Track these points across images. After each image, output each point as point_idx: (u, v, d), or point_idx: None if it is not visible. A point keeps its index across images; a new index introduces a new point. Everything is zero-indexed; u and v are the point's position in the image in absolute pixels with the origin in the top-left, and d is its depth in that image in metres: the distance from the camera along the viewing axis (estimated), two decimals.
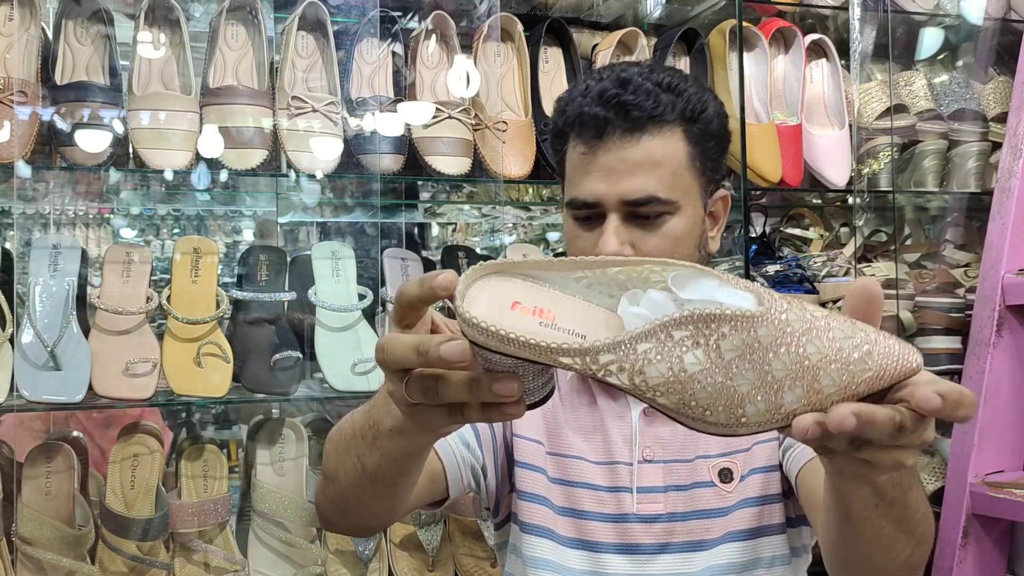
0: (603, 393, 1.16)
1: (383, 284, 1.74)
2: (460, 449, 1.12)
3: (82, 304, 1.57)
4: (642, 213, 1.06)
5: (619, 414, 1.14)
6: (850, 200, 2.04)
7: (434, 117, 1.68)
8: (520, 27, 1.80)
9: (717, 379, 0.62)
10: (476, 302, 0.64)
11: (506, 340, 0.61)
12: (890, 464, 0.63)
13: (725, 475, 1.12)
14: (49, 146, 1.53)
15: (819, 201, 2.26)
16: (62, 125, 1.50)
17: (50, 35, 1.60)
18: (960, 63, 2.23)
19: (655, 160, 1.05)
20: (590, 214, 1.08)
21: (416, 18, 1.87)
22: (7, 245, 1.62)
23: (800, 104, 1.93)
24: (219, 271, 1.66)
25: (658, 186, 1.05)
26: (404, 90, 1.75)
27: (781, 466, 1.13)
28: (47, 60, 1.57)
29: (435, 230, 2.95)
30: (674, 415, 0.64)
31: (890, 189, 2.01)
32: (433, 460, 1.07)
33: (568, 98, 1.12)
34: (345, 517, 0.96)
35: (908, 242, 2.24)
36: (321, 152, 1.61)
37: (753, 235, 2.07)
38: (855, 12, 1.96)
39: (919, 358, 0.61)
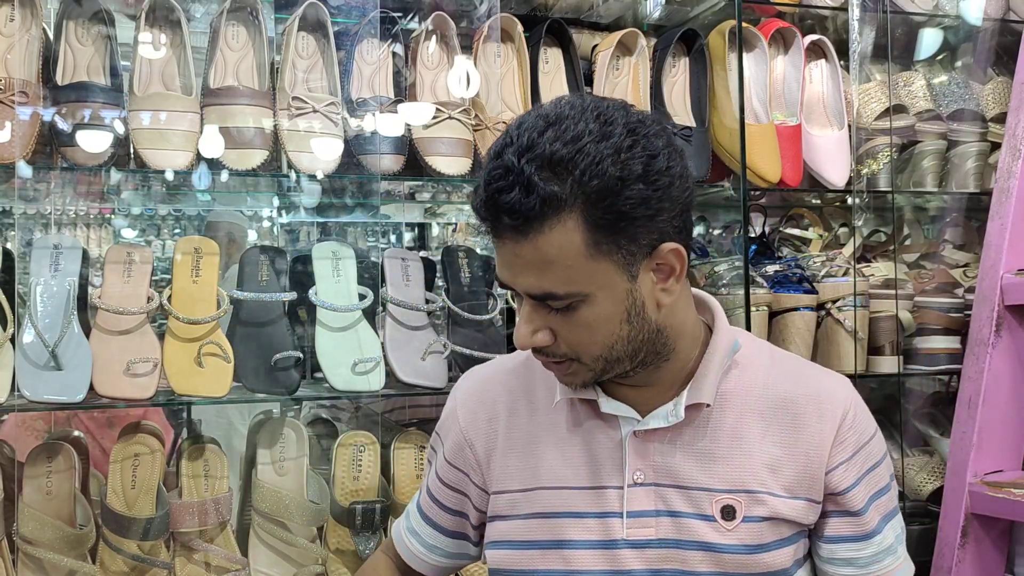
0: (593, 416, 1.10)
1: (383, 284, 1.74)
2: (428, 555, 1.21)
3: (83, 304, 1.58)
4: (548, 305, 0.99)
5: (609, 434, 1.09)
6: (849, 200, 2.04)
7: (434, 117, 1.68)
8: (520, 28, 1.81)
9: None
10: None
11: None
12: None
13: (727, 512, 1.06)
14: (50, 146, 1.53)
15: (818, 201, 2.26)
16: (63, 125, 1.50)
17: (51, 35, 1.60)
18: (959, 63, 2.23)
19: (547, 259, 0.96)
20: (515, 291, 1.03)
21: (416, 19, 1.87)
22: (8, 245, 1.63)
23: (799, 104, 1.94)
24: (219, 271, 1.66)
25: (553, 283, 0.97)
26: (404, 90, 1.75)
27: (802, 533, 1.09)
28: (48, 60, 1.57)
29: (435, 230, 2.96)
30: None
31: (889, 189, 2.01)
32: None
33: (476, 187, 1.03)
34: None
35: (907, 242, 2.25)
36: (321, 152, 1.62)
37: (752, 235, 2.07)
38: (854, 12, 1.96)
39: None
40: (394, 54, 1.76)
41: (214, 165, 1.58)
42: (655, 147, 0.96)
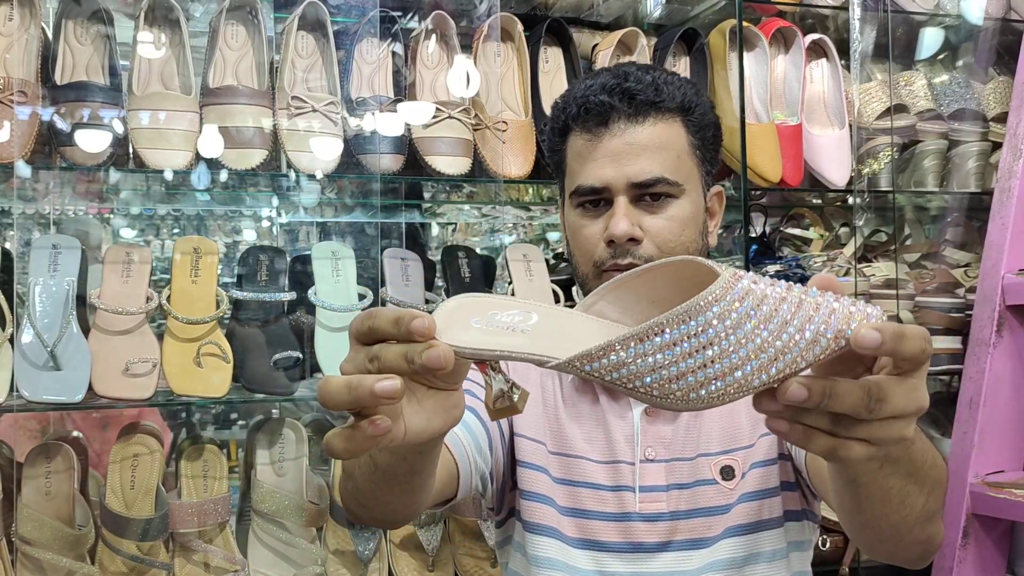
0: (605, 392, 1.16)
1: (383, 284, 1.74)
2: (473, 455, 1.11)
3: (82, 304, 1.57)
4: (650, 194, 1.09)
5: (621, 413, 1.14)
6: (850, 200, 2.04)
7: (434, 117, 1.67)
8: (520, 27, 1.80)
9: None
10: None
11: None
12: (892, 438, 0.63)
13: (727, 472, 1.12)
14: (49, 146, 1.53)
15: (819, 201, 2.26)
16: (62, 125, 1.50)
17: (50, 35, 1.60)
18: (960, 63, 2.23)
19: (660, 143, 1.09)
20: (597, 199, 1.11)
21: (416, 18, 1.87)
22: (7, 245, 1.62)
23: (800, 104, 1.93)
24: (219, 271, 1.66)
25: (664, 168, 1.08)
26: (404, 90, 1.75)
27: (783, 456, 1.13)
28: (47, 60, 1.57)
29: (435, 230, 2.95)
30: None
31: (890, 189, 2.01)
32: (449, 460, 1.07)
33: (568, 95, 1.15)
34: (367, 511, 0.96)
35: (908, 242, 2.24)
36: (321, 152, 1.61)
37: (753, 235, 2.07)
38: (855, 12, 1.96)
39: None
40: (394, 53, 1.76)
41: (213, 165, 1.57)
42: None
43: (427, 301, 1.76)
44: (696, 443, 1.13)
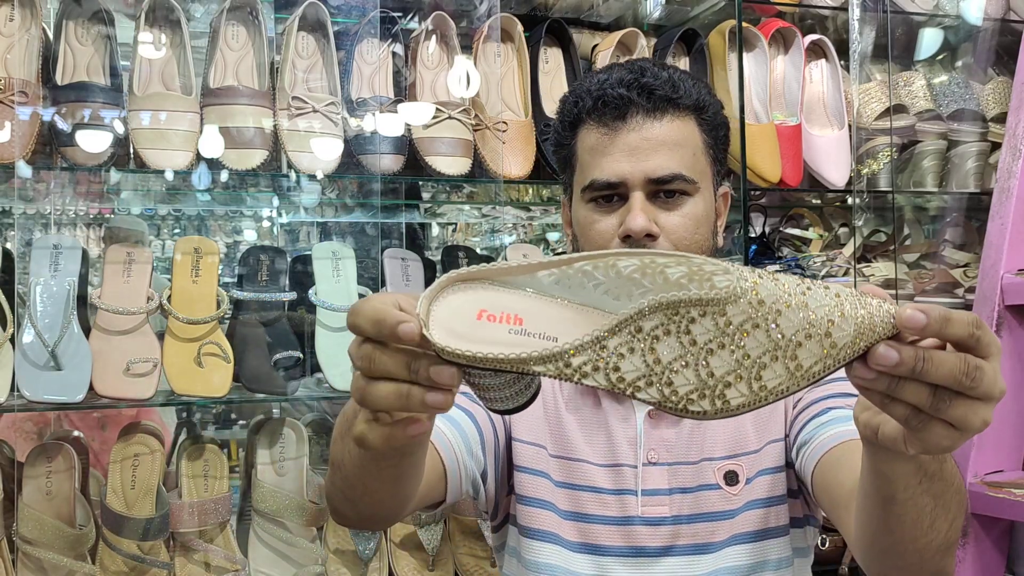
0: (607, 395, 1.15)
1: (383, 284, 1.74)
2: (464, 457, 1.09)
3: (83, 304, 1.57)
4: (666, 191, 1.07)
5: (623, 416, 1.13)
6: (849, 200, 2.04)
7: (434, 117, 1.68)
8: (520, 27, 1.81)
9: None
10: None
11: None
12: (978, 422, 0.62)
13: (731, 478, 1.11)
14: (50, 146, 1.53)
15: (818, 201, 2.26)
16: (63, 125, 1.50)
17: (51, 35, 1.60)
18: (959, 63, 2.23)
19: (677, 140, 1.08)
20: (611, 195, 1.08)
21: (416, 18, 1.87)
22: (8, 245, 1.63)
23: (800, 104, 1.94)
24: (219, 271, 1.66)
25: (682, 165, 1.07)
26: (404, 90, 1.75)
27: (789, 464, 1.12)
28: (48, 60, 1.57)
29: (435, 230, 2.95)
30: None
31: (889, 189, 2.01)
32: (436, 461, 1.05)
33: (579, 89, 1.13)
34: (354, 506, 0.94)
35: (907, 242, 2.25)
36: (321, 152, 1.62)
37: (753, 235, 2.07)
38: (855, 12, 1.96)
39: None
40: (394, 54, 1.76)
41: (214, 165, 1.58)
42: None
43: None
44: (700, 447, 1.12)
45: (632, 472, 1.11)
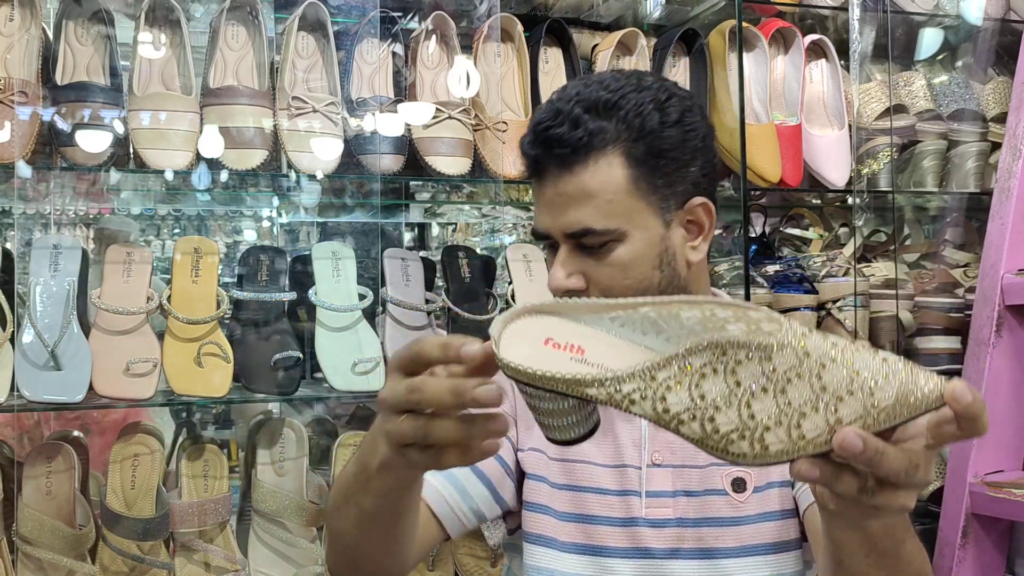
0: None
1: (383, 284, 1.74)
2: (452, 495, 1.11)
3: (82, 304, 1.57)
4: (585, 244, 1.04)
5: (628, 417, 1.13)
6: (849, 200, 2.04)
7: (434, 117, 1.68)
8: (520, 27, 1.80)
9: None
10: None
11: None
12: (896, 507, 0.64)
13: (738, 484, 1.11)
14: (50, 146, 1.53)
15: (819, 201, 2.26)
16: (63, 125, 1.50)
17: (51, 35, 1.60)
18: (959, 63, 2.23)
19: (588, 192, 1.02)
20: (551, 243, 1.08)
21: (416, 18, 1.87)
22: (8, 245, 1.62)
23: (800, 104, 1.94)
24: (219, 271, 1.66)
25: (592, 217, 1.02)
26: (404, 90, 1.75)
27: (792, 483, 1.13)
28: (48, 60, 1.57)
29: (435, 230, 2.95)
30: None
31: (889, 189, 2.01)
32: (425, 512, 1.09)
33: (527, 128, 1.10)
34: (356, 570, 0.97)
35: (907, 242, 2.25)
36: (321, 152, 1.62)
37: (753, 235, 2.07)
38: (855, 12, 1.96)
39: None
40: (394, 54, 1.76)
41: (214, 165, 1.58)
42: (688, 103, 1.05)
43: (427, 301, 1.76)
44: None
45: (636, 473, 1.12)
